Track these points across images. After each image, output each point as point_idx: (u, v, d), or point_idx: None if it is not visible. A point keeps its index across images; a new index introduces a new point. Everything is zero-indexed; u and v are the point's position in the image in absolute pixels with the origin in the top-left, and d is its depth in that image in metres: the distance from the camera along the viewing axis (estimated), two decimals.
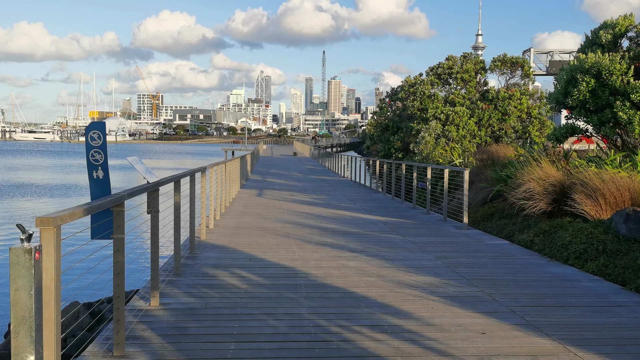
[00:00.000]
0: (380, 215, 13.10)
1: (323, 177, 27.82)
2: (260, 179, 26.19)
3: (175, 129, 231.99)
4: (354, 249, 8.72)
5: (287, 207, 14.63)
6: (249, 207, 14.41)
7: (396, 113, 24.36)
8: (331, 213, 13.42)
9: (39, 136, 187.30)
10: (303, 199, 16.78)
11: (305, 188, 21.15)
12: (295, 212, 13.50)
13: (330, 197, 17.60)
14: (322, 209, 14.32)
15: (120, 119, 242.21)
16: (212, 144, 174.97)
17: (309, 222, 11.64)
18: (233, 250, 8.50)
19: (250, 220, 11.84)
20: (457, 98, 21.41)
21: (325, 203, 15.82)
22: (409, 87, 22.90)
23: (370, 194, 19.16)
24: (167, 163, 75.03)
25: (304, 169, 35.82)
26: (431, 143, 19.22)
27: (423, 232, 10.59)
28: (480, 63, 22.79)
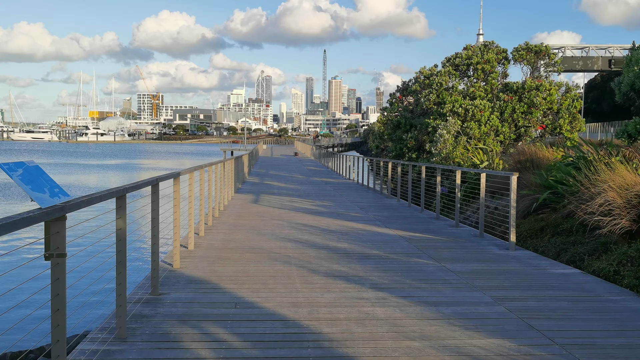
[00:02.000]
0: (400, 229, 10.83)
1: (327, 180, 25.56)
2: (258, 181, 23.93)
3: (175, 129, 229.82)
4: (378, 284, 6.45)
5: (288, 217, 12.36)
6: (243, 218, 12.14)
7: (408, 109, 22.04)
8: (340, 226, 11.15)
9: (37, 136, 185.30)
10: (306, 207, 14.51)
11: (308, 192, 18.88)
12: (297, 224, 11.23)
13: (337, 204, 15.33)
14: (329, 219, 12.05)
15: (119, 119, 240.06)
16: (211, 143, 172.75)
17: (314, 240, 9.37)
18: (213, 288, 6.22)
19: (241, 237, 9.57)
20: (477, 91, 19.12)
21: (331, 212, 13.55)
22: (424, 79, 20.63)
23: (382, 200, 16.89)
24: (166, 163, 72.82)
25: (305, 170, 33.56)
26: (450, 141, 16.94)
27: (461, 255, 8.31)
28: (503, 52, 20.48)
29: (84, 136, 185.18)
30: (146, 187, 5.71)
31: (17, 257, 14.04)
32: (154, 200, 5.81)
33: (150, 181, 5.97)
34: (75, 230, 5.15)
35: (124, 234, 4.56)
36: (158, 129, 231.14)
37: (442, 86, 19.91)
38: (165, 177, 6.61)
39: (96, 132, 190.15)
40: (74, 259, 4.30)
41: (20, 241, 15.63)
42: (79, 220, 4.96)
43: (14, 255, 13.94)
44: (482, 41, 20.59)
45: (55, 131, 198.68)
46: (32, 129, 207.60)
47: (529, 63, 19.89)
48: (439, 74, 20.22)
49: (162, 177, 6.35)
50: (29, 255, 13.64)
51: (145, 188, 5.66)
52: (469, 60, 20.29)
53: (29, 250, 14.10)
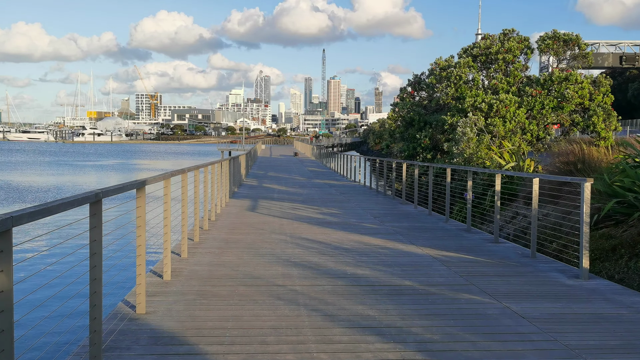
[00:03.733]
0: (429, 246, 8.85)
1: (330, 182, 23.58)
2: (256, 184, 21.95)
3: (173, 129, 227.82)
4: (427, 342, 4.47)
5: (291, 229, 10.38)
6: (238, 231, 10.15)
7: (421, 104, 20.00)
8: (356, 242, 9.17)
9: (33, 136, 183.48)
10: (311, 215, 12.53)
11: (312, 197, 16.90)
12: (302, 239, 9.25)
13: (347, 212, 13.35)
14: (341, 233, 10.07)
15: (117, 119, 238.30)
16: (209, 143, 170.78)
17: (326, 264, 7.39)
18: (188, 354, 4.23)
19: (234, 260, 7.58)
20: (500, 84, 17.13)
21: (342, 222, 11.56)
22: (440, 71, 18.63)
23: (397, 206, 14.91)
24: (162, 164, 70.83)
25: (306, 171, 31.57)
26: (474, 140, 14.96)
27: (521, 287, 6.33)
28: (525, 41, 18.47)
29: (80, 136, 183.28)
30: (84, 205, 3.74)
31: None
32: (94, 226, 3.84)
33: (129, 185, 4.05)
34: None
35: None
36: (156, 129, 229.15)
37: (461, 79, 17.87)
38: (125, 186, 4.65)
39: (93, 132, 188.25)
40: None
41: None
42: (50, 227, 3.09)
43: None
44: (503, 29, 18.67)
45: (51, 131, 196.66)
46: (29, 129, 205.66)
47: (556, 54, 17.92)
48: (457, 65, 18.19)
49: (118, 188, 4.38)
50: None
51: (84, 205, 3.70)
52: (487, 50, 18.29)
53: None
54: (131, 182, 5.01)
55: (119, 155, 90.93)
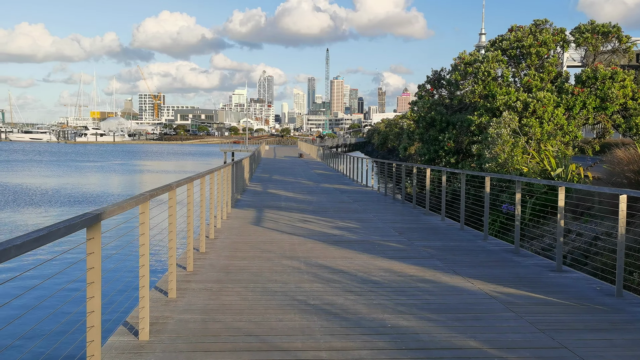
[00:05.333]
0: (477, 276, 7.12)
1: (340, 187, 21.85)
2: (261, 189, 20.23)
3: (176, 129, 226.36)
4: None
5: (304, 252, 8.65)
6: (240, 254, 8.42)
7: (443, 103, 18.15)
8: (386, 270, 7.43)
9: (35, 137, 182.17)
10: (325, 230, 10.81)
11: (323, 206, 15.17)
12: (320, 268, 7.52)
13: (366, 225, 11.62)
14: (365, 257, 8.34)
15: (119, 119, 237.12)
16: (212, 144, 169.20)
17: (357, 309, 5.66)
18: None
19: (236, 303, 5.84)
20: (533, 80, 15.36)
21: (362, 240, 9.84)
22: (465, 66, 16.84)
23: (420, 218, 13.17)
24: (164, 165, 69.26)
25: (313, 174, 29.85)
26: (510, 143, 13.16)
27: (631, 350, 4.59)
28: (561, 33, 16.66)
29: (82, 137, 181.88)
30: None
31: None
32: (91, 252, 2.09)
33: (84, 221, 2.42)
34: None
35: None
36: (159, 129, 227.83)
37: (490, 75, 16.08)
38: (75, 221, 2.98)
39: (95, 132, 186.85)
40: None
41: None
42: None
43: None
44: (534, 19, 16.83)
45: (54, 132, 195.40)
46: (31, 130, 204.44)
47: (594, 47, 16.13)
48: (485, 60, 16.39)
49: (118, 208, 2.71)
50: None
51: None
52: (519, 43, 16.49)
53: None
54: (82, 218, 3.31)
55: (119, 156, 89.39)
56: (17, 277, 2.93)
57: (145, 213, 4.53)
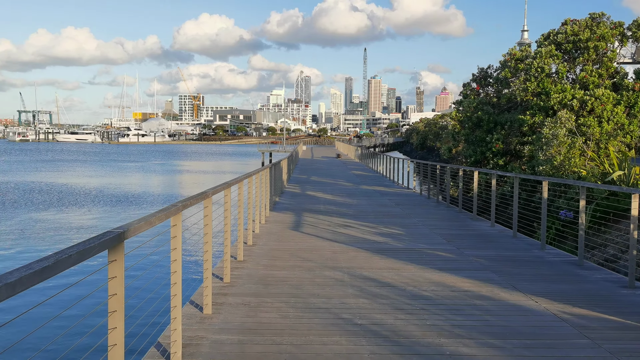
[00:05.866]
0: (540, 293, 6.44)
1: (380, 189, 21.22)
2: (299, 191, 19.81)
3: (215, 130, 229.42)
4: None
5: (347, 261, 8.11)
6: (279, 263, 7.94)
7: (490, 102, 17.24)
8: (437, 284, 6.82)
9: (81, 137, 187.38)
10: (367, 237, 10.24)
11: (364, 210, 14.60)
12: (365, 280, 6.97)
13: (411, 232, 10.99)
14: (413, 268, 7.74)
15: (160, 120, 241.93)
16: (250, 144, 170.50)
17: (409, 331, 5.08)
18: None
19: (275, 322, 5.35)
20: (590, 77, 14.37)
21: (409, 249, 9.23)
22: (516, 62, 15.92)
23: (467, 223, 12.45)
24: (202, 165, 69.95)
25: (352, 175, 29.28)
26: (567, 144, 12.25)
27: None
28: (619, 27, 15.56)
29: (125, 137, 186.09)
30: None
31: None
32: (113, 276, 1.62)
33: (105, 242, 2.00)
34: None
35: None
36: (198, 129, 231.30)
37: (544, 71, 15.13)
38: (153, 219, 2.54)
39: (137, 133, 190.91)
40: None
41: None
42: None
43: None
44: (590, 13, 15.81)
45: (98, 132, 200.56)
46: (76, 131, 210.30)
47: None
48: (538, 55, 15.43)
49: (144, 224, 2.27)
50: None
51: None
52: (575, 37, 15.47)
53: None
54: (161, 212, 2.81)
55: (159, 156, 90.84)
56: (33, 307, 2.49)
57: (177, 226, 4.08)
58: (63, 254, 2.18)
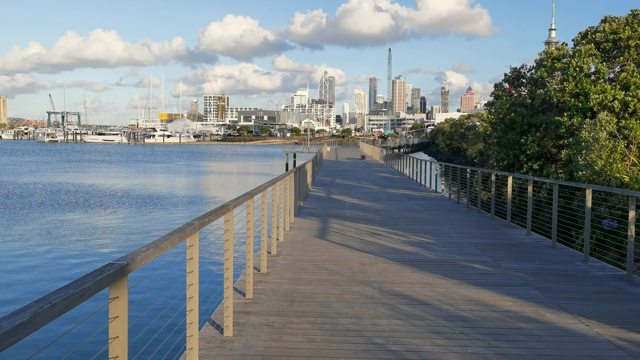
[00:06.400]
0: (590, 315, 5.88)
1: (407, 192, 20.66)
2: (324, 195, 19.38)
3: (239, 130, 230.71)
4: None
5: (376, 274, 7.65)
6: (304, 276, 7.51)
7: (524, 103, 16.49)
8: (475, 303, 6.31)
9: (108, 138, 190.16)
10: (398, 247, 9.75)
11: (392, 215, 14.09)
12: (397, 297, 6.50)
13: (442, 241, 10.46)
14: (448, 283, 7.23)
15: (185, 121, 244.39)
16: (274, 145, 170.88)
17: (447, 358, 4.61)
18: None
19: (301, 346, 4.92)
20: (632, 77, 13.58)
21: (442, 260, 8.71)
22: (552, 62, 15.19)
23: (501, 231, 11.84)
24: (227, 166, 70.12)
25: (377, 178, 28.74)
26: (608, 148, 11.56)
27: None
28: None
29: (151, 138, 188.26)
30: None
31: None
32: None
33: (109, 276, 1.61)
34: None
35: None
36: (223, 130, 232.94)
37: (582, 71, 14.39)
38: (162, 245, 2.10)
39: (163, 133, 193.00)
40: None
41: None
42: None
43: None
44: (632, 9, 14.96)
45: (124, 133, 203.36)
46: (104, 132, 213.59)
47: None
48: (577, 54, 14.68)
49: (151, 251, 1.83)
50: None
51: None
52: (615, 36, 14.69)
53: None
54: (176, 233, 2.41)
55: (184, 157, 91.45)
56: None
57: (194, 246, 3.68)
58: (45, 302, 1.78)
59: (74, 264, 15.94)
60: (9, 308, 11.91)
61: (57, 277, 14.51)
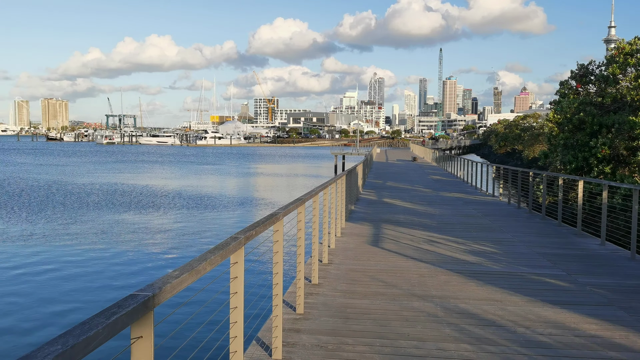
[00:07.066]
0: None
1: (462, 196, 19.75)
2: (375, 198, 18.74)
3: (288, 132, 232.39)
4: None
5: (437, 287, 6.99)
6: (358, 289, 6.94)
7: (594, 102, 15.31)
8: (554, 326, 5.56)
9: (161, 140, 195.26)
10: (458, 256, 9.04)
11: (449, 221, 13.32)
12: (463, 315, 5.83)
13: (506, 249, 9.65)
14: (519, 299, 6.50)
15: (236, 123, 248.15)
16: (323, 146, 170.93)
17: None
18: None
19: None
20: None
21: (509, 273, 7.94)
22: (625, 57, 14.03)
23: (570, 240, 10.89)
24: (276, 168, 70.36)
25: (430, 180, 27.80)
26: None
27: None
28: None
29: (202, 140, 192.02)
30: None
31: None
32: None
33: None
34: None
35: None
36: (272, 132, 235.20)
37: None
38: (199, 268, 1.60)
39: (214, 135, 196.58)
40: None
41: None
42: None
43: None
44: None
45: (177, 135, 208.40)
46: (158, 134, 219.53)
47: None
48: None
49: None
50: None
51: None
52: None
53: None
54: None
55: (234, 159, 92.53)
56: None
57: (238, 263, 3.19)
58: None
59: (125, 262, 15.97)
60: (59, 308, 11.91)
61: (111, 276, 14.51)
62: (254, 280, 12.03)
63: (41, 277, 14.63)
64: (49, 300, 12.65)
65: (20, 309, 12.04)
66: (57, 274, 15.08)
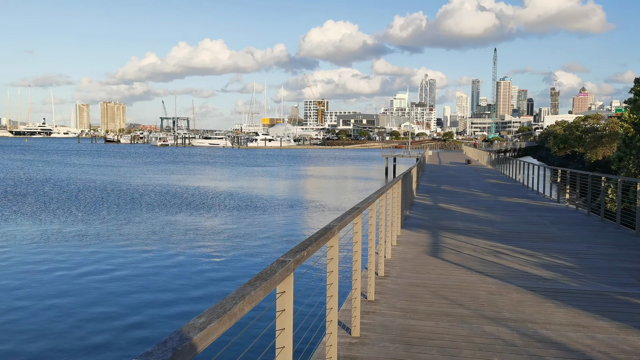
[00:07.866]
0: None
1: (524, 201, 18.57)
2: (430, 203, 17.86)
3: (338, 134, 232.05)
4: None
5: (510, 308, 6.19)
6: (420, 307, 6.23)
7: None
8: None
9: (213, 142, 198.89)
10: (528, 270, 8.15)
11: (512, 229, 12.34)
12: (545, 344, 5.04)
13: (581, 263, 8.68)
14: (604, 323, 5.64)
15: (286, 125, 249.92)
16: (373, 148, 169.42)
17: None
18: None
19: None
20: None
21: (588, 291, 7.03)
22: None
23: None
24: (325, 170, 69.92)
25: (487, 184, 26.54)
26: None
27: None
28: None
29: (253, 142, 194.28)
30: None
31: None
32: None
33: None
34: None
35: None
36: (322, 134, 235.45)
37: None
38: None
39: (264, 137, 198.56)
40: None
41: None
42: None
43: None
44: None
45: (229, 137, 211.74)
46: (210, 136, 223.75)
47: None
48: None
49: None
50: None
51: None
52: None
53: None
54: None
55: (284, 161, 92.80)
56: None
57: (286, 293, 2.59)
58: None
59: (177, 264, 15.77)
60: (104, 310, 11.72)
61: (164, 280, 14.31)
62: (301, 299, 11.24)
63: (95, 278, 14.60)
64: (97, 302, 12.52)
65: (77, 307, 11.95)
66: (110, 275, 15.03)
